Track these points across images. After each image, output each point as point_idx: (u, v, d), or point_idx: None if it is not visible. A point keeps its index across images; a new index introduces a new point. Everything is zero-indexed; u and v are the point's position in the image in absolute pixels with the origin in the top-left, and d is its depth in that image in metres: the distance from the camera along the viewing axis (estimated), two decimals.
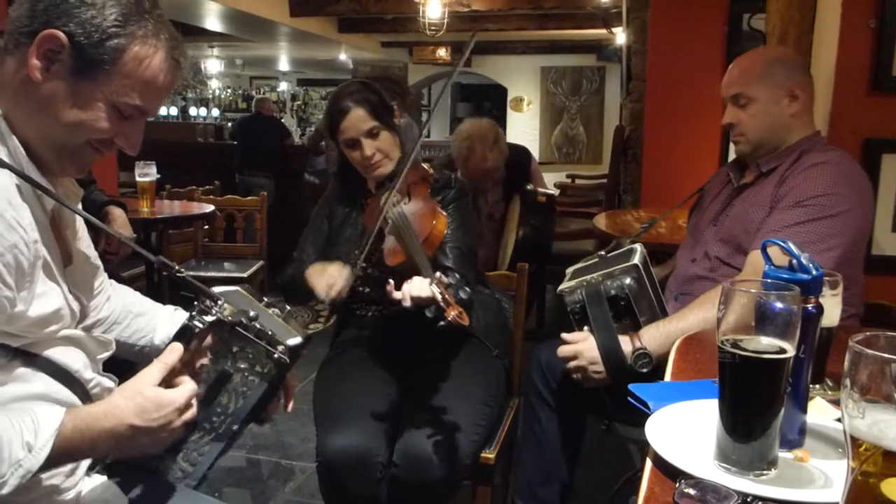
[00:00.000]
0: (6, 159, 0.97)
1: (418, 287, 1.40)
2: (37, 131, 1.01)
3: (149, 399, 0.96)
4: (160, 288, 3.54)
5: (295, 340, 1.19)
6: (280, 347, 1.13)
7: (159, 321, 1.33)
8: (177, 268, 1.13)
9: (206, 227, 4.16)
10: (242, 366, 1.14)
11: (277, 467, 2.71)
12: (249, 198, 4.27)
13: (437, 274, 1.39)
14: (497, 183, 3.37)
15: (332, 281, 1.70)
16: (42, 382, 1.02)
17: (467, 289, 1.43)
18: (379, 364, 1.85)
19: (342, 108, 1.81)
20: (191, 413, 1.01)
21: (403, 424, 1.65)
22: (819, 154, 1.68)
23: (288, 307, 1.45)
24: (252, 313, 1.13)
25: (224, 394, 1.14)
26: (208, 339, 1.15)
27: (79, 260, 1.16)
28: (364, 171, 1.87)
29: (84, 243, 1.21)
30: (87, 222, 1.20)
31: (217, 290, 1.22)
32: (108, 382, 1.16)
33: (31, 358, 1.02)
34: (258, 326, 1.12)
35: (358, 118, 1.80)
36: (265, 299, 1.34)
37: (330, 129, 1.88)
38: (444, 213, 1.67)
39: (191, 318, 1.08)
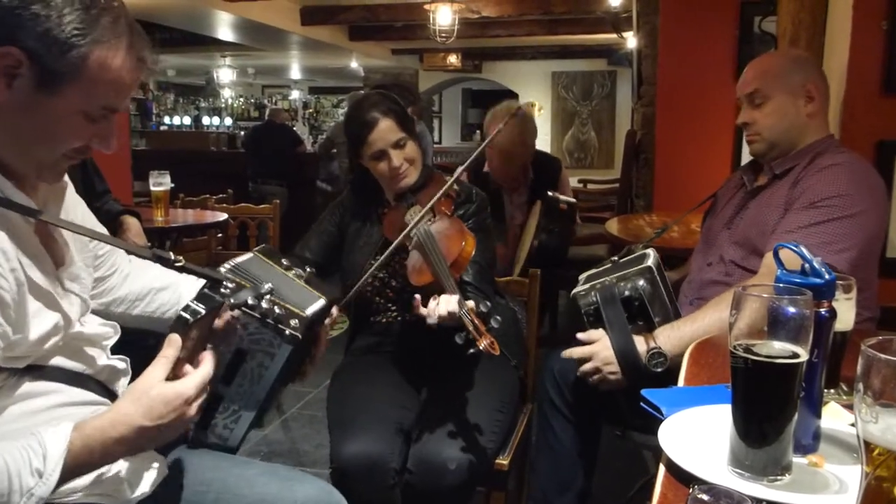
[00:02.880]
0: None
1: (446, 305, 1.40)
2: (9, 148, 0.99)
3: (154, 398, 0.94)
4: None
5: (316, 306, 1.16)
6: (292, 322, 1.10)
7: (184, 291, 1.32)
8: (173, 256, 1.11)
9: (220, 235, 4.18)
10: (255, 345, 1.12)
11: None
12: (262, 206, 4.29)
13: (469, 302, 1.39)
14: (523, 185, 3.36)
15: None
16: (56, 393, 1.02)
17: (498, 318, 1.40)
18: (393, 371, 1.85)
19: (369, 121, 1.78)
20: (204, 396, 0.99)
21: (418, 431, 1.65)
22: (833, 156, 1.68)
23: (308, 268, 1.37)
24: (266, 287, 1.10)
25: (241, 373, 1.13)
26: (218, 322, 1.13)
27: (74, 253, 1.13)
28: (390, 182, 1.84)
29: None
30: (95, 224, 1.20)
31: (234, 260, 1.20)
32: (119, 364, 1.16)
33: (38, 371, 1.02)
34: (265, 306, 1.09)
35: (387, 129, 1.77)
36: (284, 262, 1.31)
37: (354, 143, 1.83)
38: (472, 235, 1.63)
39: (186, 307, 1.05)
